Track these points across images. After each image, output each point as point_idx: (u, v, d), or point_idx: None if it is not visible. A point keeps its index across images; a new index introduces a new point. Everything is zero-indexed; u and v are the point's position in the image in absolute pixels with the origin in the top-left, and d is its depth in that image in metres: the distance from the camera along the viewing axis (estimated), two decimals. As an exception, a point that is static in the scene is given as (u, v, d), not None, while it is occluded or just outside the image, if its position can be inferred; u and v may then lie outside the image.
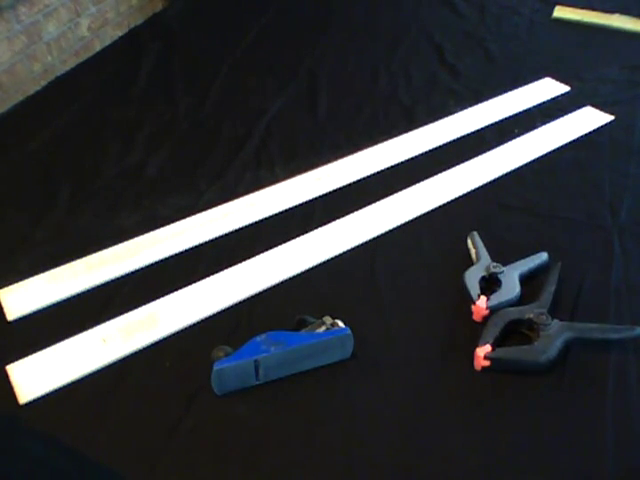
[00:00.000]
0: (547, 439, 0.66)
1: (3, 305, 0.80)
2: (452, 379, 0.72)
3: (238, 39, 1.41)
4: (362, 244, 0.89)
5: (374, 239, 0.90)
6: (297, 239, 0.89)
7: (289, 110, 1.18)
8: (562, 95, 1.21)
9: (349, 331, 0.71)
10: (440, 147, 1.08)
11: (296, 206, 0.96)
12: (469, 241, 0.87)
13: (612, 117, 1.13)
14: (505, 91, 1.21)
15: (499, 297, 0.77)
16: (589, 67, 1.29)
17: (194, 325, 0.77)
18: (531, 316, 0.74)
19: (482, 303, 0.76)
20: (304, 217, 0.94)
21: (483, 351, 0.70)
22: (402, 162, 1.04)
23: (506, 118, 1.15)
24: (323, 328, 0.72)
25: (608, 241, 0.89)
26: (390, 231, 0.91)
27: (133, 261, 0.86)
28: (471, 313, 0.77)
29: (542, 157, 1.05)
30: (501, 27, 1.46)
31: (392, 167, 1.03)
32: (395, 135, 1.10)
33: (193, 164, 1.05)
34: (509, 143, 1.08)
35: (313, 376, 0.72)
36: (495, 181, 1.00)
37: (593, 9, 1.49)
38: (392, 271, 0.85)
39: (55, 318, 0.79)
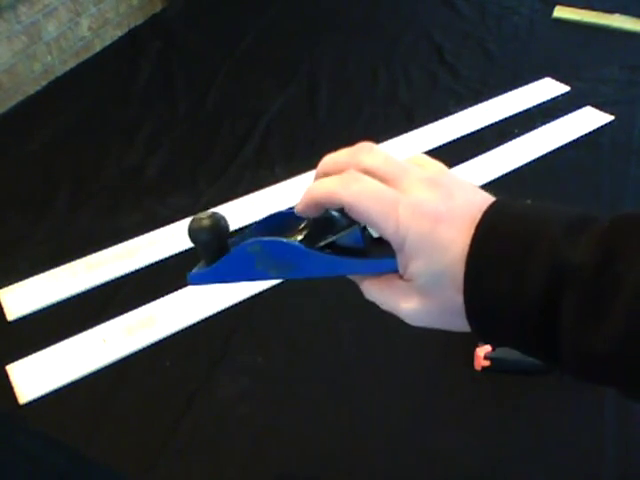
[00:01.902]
0: (547, 439, 0.66)
1: (3, 305, 0.80)
2: (452, 379, 0.72)
3: (238, 39, 1.41)
4: (362, 244, 0.89)
5: (374, 239, 0.90)
6: (297, 239, 0.89)
7: (289, 110, 1.19)
8: (562, 95, 1.21)
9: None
10: (440, 147, 1.08)
11: (296, 206, 0.96)
12: (469, 241, 0.86)
13: (612, 117, 1.13)
14: (505, 91, 1.22)
15: (499, 297, 0.77)
16: (589, 67, 1.29)
17: (194, 325, 0.77)
18: (531, 316, 0.74)
19: (482, 303, 0.76)
20: (304, 217, 0.94)
21: (483, 351, 0.70)
22: (402, 162, 1.04)
23: (506, 118, 1.15)
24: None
25: (608, 241, 0.89)
26: (390, 231, 0.91)
27: (133, 261, 0.86)
28: (471, 313, 0.77)
29: (542, 157, 1.05)
30: (501, 27, 1.46)
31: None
32: (395, 135, 1.10)
33: (193, 164, 1.05)
34: (509, 143, 1.08)
35: (313, 376, 0.72)
36: (495, 181, 1.00)
37: (593, 9, 1.49)
38: (392, 271, 0.85)
39: (55, 318, 0.79)
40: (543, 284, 0.30)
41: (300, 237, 0.40)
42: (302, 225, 0.41)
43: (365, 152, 0.37)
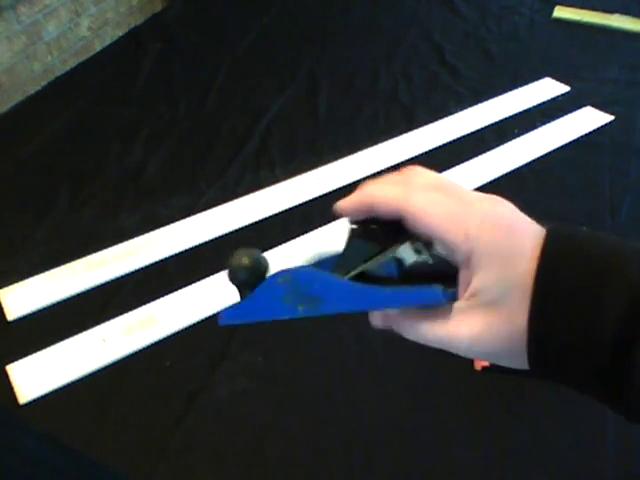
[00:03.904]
0: (547, 439, 0.66)
1: (3, 305, 0.80)
2: (452, 379, 0.71)
3: (238, 39, 1.41)
4: (362, 244, 0.89)
5: (374, 239, 0.90)
6: (297, 239, 0.89)
7: (289, 110, 1.18)
8: (562, 95, 1.21)
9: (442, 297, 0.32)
10: (440, 147, 1.08)
11: (296, 206, 0.96)
12: (469, 241, 0.86)
13: (612, 117, 1.13)
14: (505, 91, 1.22)
15: (499, 297, 0.77)
16: (589, 67, 1.29)
17: (194, 325, 0.77)
18: (531, 316, 0.74)
19: (482, 303, 0.76)
20: (304, 217, 0.94)
21: (483, 351, 0.70)
22: (402, 162, 1.04)
23: (506, 118, 1.15)
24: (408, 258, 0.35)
25: (608, 241, 0.89)
26: (390, 231, 0.91)
27: (133, 261, 0.86)
28: (471, 313, 0.77)
29: (542, 157, 1.05)
30: (501, 27, 1.46)
31: (392, 167, 1.03)
32: (395, 135, 1.10)
33: (193, 164, 1.05)
34: (509, 143, 1.08)
35: (313, 376, 0.72)
36: (495, 181, 1.00)
37: (593, 9, 1.49)
38: (392, 271, 0.85)
39: (55, 318, 0.79)
40: (620, 315, 0.27)
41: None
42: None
43: (416, 174, 0.35)
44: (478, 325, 0.30)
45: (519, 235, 0.30)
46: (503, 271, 0.29)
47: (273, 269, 0.38)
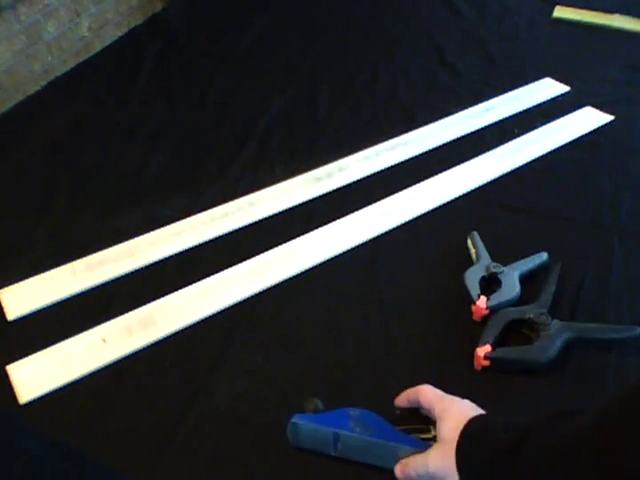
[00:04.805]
0: (547, 439, 0.66)
1: (3, 305, 0.80)
2: (452, 379, 0.71)
3: (238, 39, 1.41)
4: (362, 244, 0.89)
5: (374, 239, 0.90)
6: (297, 239, 0.89)
7: (289, 110, 1.19)
8: (562, 95, 1.21)
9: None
10: (440, 147, 1.08)
11: (296, 206, 0.96)
12: (469, 241, 0.87)
13: (612, 117, 1.13)
14: (505, 91, 1.22)
15: (499, 297, 0.77)
16: (589, 67, 1.29)
17: (194, 325, 0.77)
18: (531, 316, 0.74)
19: (482, 303, 0.76)
20: (304, 217, 0.94)
21: (483, 351, 0.70)
22: (402, 162, 1.04)
23: (506, 118, 1.15)
24: (425, 435, 0.63)
25: (608, 241, 0.89)
26: (390, 231, 0.91)
27: (133, 261, 0.86)
28: (471, 313, 0.77)
29: (542, 157, 1.05)
30: (501, 27, 1.46)
31: (392, 167, 1.03)
32: (395, 135, 1.10)
33: (193, 164, 1.05)
34: (509, 143, 1.08)
35: (313, 376, 0.72)
36: (495, 181, 1.00)
37: (593, 9, 1.49)
38: (392, 271, 0.85)
39: (55, 318, 0.79)
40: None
41: None
42: None
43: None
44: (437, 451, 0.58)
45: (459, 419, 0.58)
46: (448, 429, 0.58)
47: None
